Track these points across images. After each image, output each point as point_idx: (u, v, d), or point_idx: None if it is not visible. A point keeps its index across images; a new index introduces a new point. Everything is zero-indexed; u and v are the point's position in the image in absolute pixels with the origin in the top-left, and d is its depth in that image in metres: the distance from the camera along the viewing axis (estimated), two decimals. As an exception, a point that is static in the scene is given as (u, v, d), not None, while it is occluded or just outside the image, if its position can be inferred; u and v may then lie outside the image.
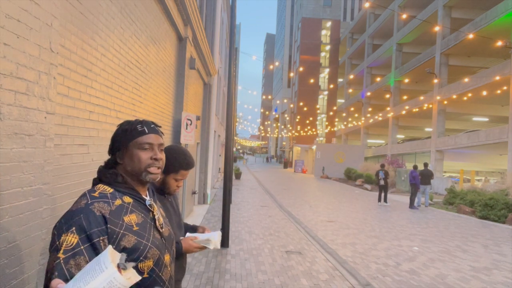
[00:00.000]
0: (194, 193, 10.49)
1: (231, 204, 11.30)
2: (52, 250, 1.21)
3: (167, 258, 1.47)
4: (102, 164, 1.51)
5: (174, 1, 6.04)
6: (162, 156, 1.50)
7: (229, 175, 7.75)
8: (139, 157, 1.43)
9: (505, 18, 19.71)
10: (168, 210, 2.09)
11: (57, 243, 1.20)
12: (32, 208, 2.03)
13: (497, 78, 19.90)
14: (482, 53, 25.28)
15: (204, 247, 2.08)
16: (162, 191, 2.11)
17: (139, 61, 4.47)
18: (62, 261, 1.16)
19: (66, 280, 1.12)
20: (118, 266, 1.09)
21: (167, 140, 6.61)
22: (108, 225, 1.28)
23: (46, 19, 2.06)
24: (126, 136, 1.45)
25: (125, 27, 3.84)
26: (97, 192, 1.35)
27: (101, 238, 1.25)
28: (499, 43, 17.40)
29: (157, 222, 1.48)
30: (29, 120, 1.95)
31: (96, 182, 1.44)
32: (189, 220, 9.23)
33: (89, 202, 1.30)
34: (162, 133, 1.56)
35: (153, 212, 1.49)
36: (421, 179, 14.72)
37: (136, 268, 1.30)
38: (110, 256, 1.10)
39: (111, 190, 1.39)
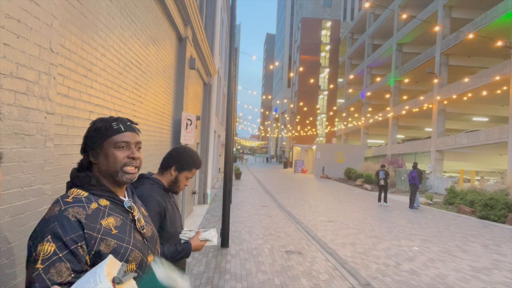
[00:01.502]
0: (194, 193, 10.49)
1: (231, 204, 11.30)
2: (30, 262, 1.16)
3: (150, 259, 1.42)
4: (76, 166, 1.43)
5: (174, 1, 6.04)
6: (139, 155, 1.42)
7: (229, 175, 7.75)
8: (115, 156, 1.36)
9: (505, 18, 19.71)
10: (173, 209, 2.12)
11: (34, 254, 1.15)
12: (32, 208, 2.03)
13: (497, 78, 19.90)
14: (482, 53, 25.29)
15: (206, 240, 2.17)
16: (167, 190, 2.13)
17: (139, 61, 4.47)
18: (41, 272, 1.11)
19: None
20: (113, 281, 1.04)
21: (167, 140, 6.61)
22: (85, 230, 1.21)
23: (46, 19, 2.06)
24: (101, 135, 1.37)
25: (125, 27, 3.85)
26: (70, 197, 1.28)
27: (79, 244, 1.19)
28: (499, 43, 17.40)
29: (137, 223, 1.41)
30: (29, 120, 1.95)
31: (70, 186, 1.37)
32: (189, 220, 9.24)
33: (63, 208, 1.23)
34: (139, 130, 1.50)
35: (132, 214, 1.42)
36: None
37: None
38: (107, 268, 1.05)
39: (86, 194, 1.32)
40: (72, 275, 1.14)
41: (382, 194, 15.04)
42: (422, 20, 26.37)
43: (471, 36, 19.45)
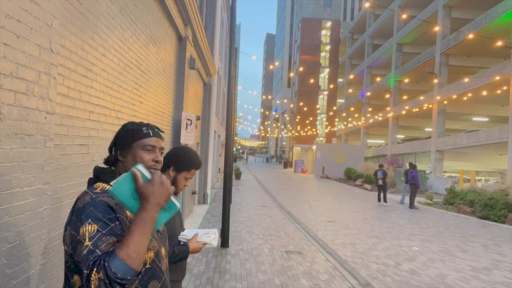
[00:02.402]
0: (194, 193, 10.49)
1: (231, 204, 11.30)
2: (75, 244, 1.26)
3: (163, 251, 1.55)
4: (99, 165, 1.55)
5: (174, 1, 6.04)
6: (162, 159, 1.58)
7: (229, 175, 7.75)
8: (142, 157, 1.49)
9: (505, 18, 19.71)
10: None
11: (78, 236, 1.25)
12: (32, 208, 2.03)
13: (497, 78, 19.90)
14: (482, 53, 25.29)
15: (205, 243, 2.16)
16: None
17: (139, 61, 4.47)
18: (91, 246, 1.21)
19: (100, 258, 1.17)
20: None
21: (167, 140, 6.61)
22: (117, 214, 1.34)
23: (46, 19, 2.06)
24: (131, 136, 1.52)
25: (125, 27, 3.84)
26: (98, 189, 1.40)
27: (116, 222, 1.31)
28: (499, 43, 17.40)
29: None
30: (29, 120, 1.95)
31: (92, 181, 1.48)
32: (189, 220, 9.24)
33: (94, 196, 1.35)
34: (163, 138, 1.64)
35: None
36: (405, 179, 15.21)
37: None
38: None
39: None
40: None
41: (382, 194, 15.09)
42: (422, 20, 26.36)
43: (471, 36, 19.45)
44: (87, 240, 1.23)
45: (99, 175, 1.49)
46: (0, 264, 1.75)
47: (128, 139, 1.52)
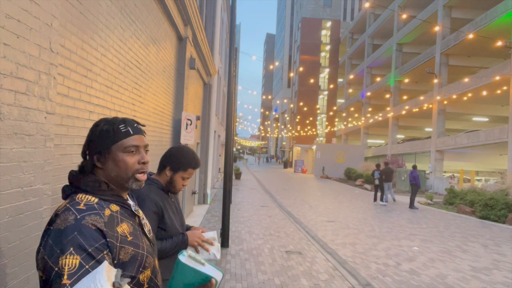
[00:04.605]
0: (194, 193, 10.48)
1: (231, 204, 11.30)
2: (52, 278, 1.07)
3: (157, 262, 1.41)
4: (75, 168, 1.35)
5: (174, 1, 6.04)
6: (148, 158, 1.37)
7: (229, 175, 7.75)
8: (125, 162, 1.28)
9: (505, 18, 19.72)
10: (172, 210, 2.11)
11: (56, 268, 1.06)
12: (32, 208, 2.03)
13: (497, 78, 19.90)
14: (482, 53, 25.29)
15: (207, 241, 2.12)
16: (166, 190, 2.12)
17: (139, 61, 4.47)
18: (69, 287, 1.03)
19: None
20: (114, 285, 1.02)
21: (167, 140, 6.61)
22: (108, 239, 1.14)
23: (46, 19, 2.06)
24: (108, 138, 1.28)
25: (125, 27, 3.84)
26: (82, 204, 1.18)
27: (104, 252, 1.12)
28: (499, 43, 17.40)
29: (144, 227, 1.38)
30: (29, 120, 1.95)
31: (70, 190, 1.26)
32: (189, 220, 9.23)
33: (79, 217, 1.13)
34: (145, 132, 1.44)
35: (139, 217, 1.37)
36: (385, 177, 15.27)
37: (137, 281, 1.22)
38: (106, 273, 1.03)
39: (96, 200, 1.23)
40: None
41: (379, 194, 15.35)
42: (422, 20, 26.36)
43: (471, 36, 19.46)
44: (65, 277, 1.03)
45: (79, 184, 1.25)
46: (0, 264, 1.75)
47: (105, 141, 1.28)
